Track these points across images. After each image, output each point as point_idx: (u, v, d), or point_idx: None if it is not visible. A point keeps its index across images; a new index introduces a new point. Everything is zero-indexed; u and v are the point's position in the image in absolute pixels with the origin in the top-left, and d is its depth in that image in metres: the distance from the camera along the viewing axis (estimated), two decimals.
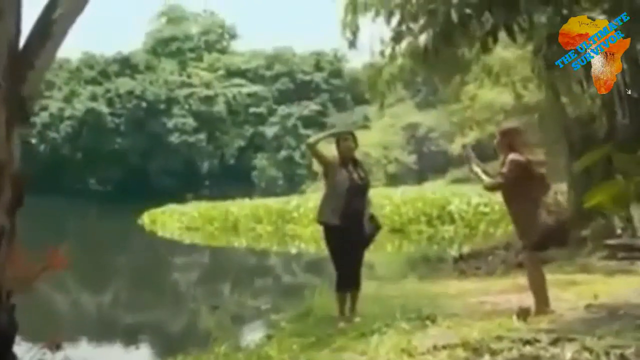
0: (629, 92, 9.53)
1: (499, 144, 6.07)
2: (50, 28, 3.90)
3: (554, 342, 4.41)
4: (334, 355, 4.73)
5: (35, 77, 3.86)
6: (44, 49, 3.87)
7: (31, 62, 3.82)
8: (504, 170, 5.86)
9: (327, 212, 6.50)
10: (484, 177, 6.01)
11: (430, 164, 40.72)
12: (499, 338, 4.61)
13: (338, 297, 6.61)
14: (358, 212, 6.49)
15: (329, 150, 6.90)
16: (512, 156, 5.83)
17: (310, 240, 21.46)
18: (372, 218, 6.73)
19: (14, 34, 3.76)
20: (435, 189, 29.33)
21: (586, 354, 4.14)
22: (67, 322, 11.29)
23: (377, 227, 6.77)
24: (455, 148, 37.97)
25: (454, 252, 16.26)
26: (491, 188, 6.14)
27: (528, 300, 6.02)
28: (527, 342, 4.44)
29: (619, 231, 10.73)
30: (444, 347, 4.54)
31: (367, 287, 8.52)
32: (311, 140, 7.01)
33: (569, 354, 4.17)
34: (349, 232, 6.38)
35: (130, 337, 9.82)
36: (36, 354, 4.06)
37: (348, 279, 6.50)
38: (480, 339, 4.63)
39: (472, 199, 22.84)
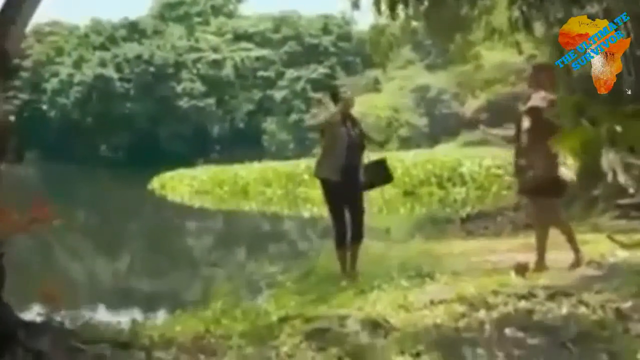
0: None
1: (531, 78, 6.08)
2: None
3: (551, 297, 4.40)
4: (331, 310, 4.75)
5: (17, 31, 3.86)
6: (25, 4, 3.86)
7: (13, 18, 3.81)
8: (534, 103, 5.81)
9: (327, 168, 6.59)
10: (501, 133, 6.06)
11: (442, 126, 40.36)
12: (495, 293, 4.61)
13: (339, 254, 6.65)
14: (356, 168, 6.59)
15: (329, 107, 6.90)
16: (542, 93, 5.81)
17: (322, 203, 21.34)
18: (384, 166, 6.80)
19: None
20: (447, 152, 29.17)
21: (582, 308, 4.13)
22: (81, 286, 11.42)
23: (388, 176, 6.85)
24: (467, 110, 37.77)
25: (463, 213, 16.19)
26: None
27: (532, 258, 6.01)
28: (523, 297, 4.44)
29: (631, 190, 10.64)
30: (440, 302, 4.55)
31: (374, 247, 8.57)
32: (309, 123, 7.02)
33: (565, 309, 4.16)
34: (347, 188, 6.49)
35: (143, 302, 9.91)
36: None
37: (345, 234, 6.56)
38: (476, 294, 4.63)
39: (484, 160, 22.70)
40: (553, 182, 5.79)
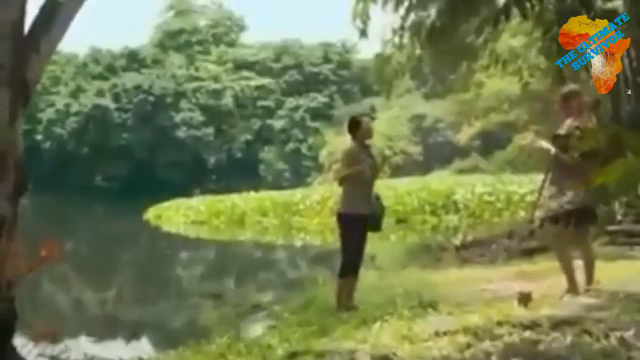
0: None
1: (561, 106, 6.08)
2: (56, 12, 3.79)
3: (554, 327, 4.40)
4: (335, 344, 4.71)
5: (39, 61, 3.74)
6: (50, 33, 3.75)
7: (37, 47, 3.70)
8: (560, 131, 5.83)
9: (357, 203, 6.56)
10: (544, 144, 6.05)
11: (436, 154, 40.60)
12: (500, 323, 4.59)
13: (342, 284, 6.62)
14: (372, 197, 6.67)
15: (342, 140, 6.97)
16: (569, 121, 5.84)
17: (316, 232, 21.45)
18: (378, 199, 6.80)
19: (18, 16, 3.63)
20: (440, 179, 29.21)
21: (586, 337, 4.13)
22: (71, 318, 11.31)
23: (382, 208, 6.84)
24: (461, 138, 37.91)
25: (457, 241, 16.15)
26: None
27: (530, 286, 6.02)
28: (528, 327, 4.43)
29: (619, 217, 10.78)
30: (445, 333, 4.51)
31: (369, 276, 8.54)
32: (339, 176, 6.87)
33: (569, 338, 4.15)
34: (368, 219, 6.59)
35: (134, 332, 9.81)
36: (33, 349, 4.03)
37: (355, 265, 6.59)
38: (481, 325, 4.61)
39: (476, 188, 22.73)
40: (582, 210, 5.84)
